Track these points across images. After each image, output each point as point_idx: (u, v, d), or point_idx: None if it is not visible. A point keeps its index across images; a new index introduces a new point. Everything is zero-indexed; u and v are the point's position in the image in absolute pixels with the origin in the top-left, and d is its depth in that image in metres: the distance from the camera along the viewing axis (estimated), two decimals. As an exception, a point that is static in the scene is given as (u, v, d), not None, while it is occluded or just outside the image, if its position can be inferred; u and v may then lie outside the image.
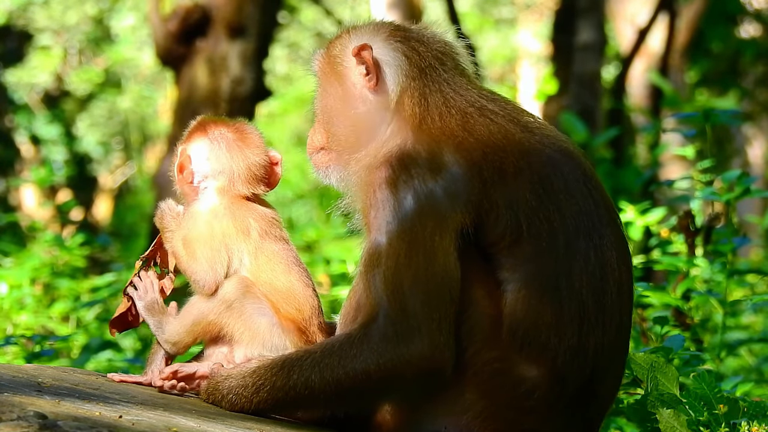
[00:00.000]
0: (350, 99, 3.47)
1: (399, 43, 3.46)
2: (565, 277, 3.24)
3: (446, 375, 3.18)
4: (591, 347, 3.25)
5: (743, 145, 25.52)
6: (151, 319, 3.57)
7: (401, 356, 3.15)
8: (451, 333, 3.17)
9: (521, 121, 3.40)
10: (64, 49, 26.08)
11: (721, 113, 5.40)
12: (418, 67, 3.42)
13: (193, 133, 3.68)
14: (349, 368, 3.17)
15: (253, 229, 3.54)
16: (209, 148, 3.63)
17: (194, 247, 3.51)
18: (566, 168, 3.34)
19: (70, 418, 2.68)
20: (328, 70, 3.53)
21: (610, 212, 3.38)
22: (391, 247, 3.19)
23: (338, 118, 3.50)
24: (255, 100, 12.77)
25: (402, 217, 3.20)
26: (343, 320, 3.37)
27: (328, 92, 3.53)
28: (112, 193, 28.39)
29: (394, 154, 3.28)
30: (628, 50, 15.99)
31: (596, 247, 3.28)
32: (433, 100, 3.38)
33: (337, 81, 3.50)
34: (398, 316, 3.16)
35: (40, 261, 8.01)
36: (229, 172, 3.60)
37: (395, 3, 16.36)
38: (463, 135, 3.31)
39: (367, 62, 3.42)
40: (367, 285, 3.22)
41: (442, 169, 3.23)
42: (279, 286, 3.50)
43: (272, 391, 3.26)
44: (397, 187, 3.22)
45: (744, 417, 3.50)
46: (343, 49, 3.51)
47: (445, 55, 3.47)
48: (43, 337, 5.65)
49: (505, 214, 3.25)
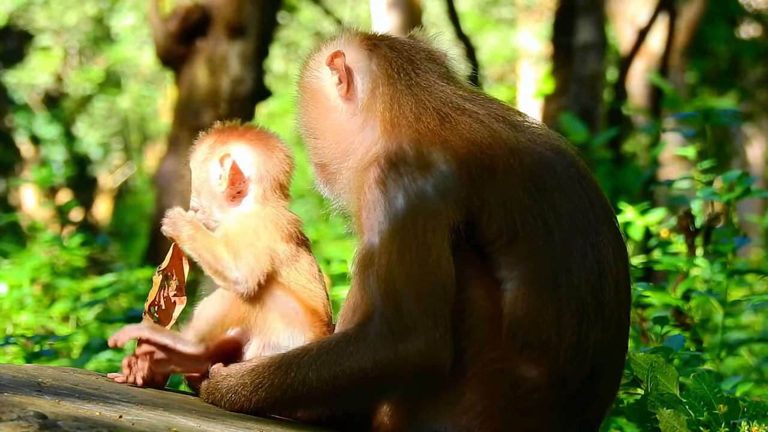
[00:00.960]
0: (327, 110, 3.51)
1: (368, 50, 3.49)
2: (564, 275, 3.24)
3: (444, 372, 3.18)
4: (591, 345, 3.25)
5: (743, 145, 25.52)
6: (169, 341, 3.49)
7: (397, 354, 3.15)
8: (447, 329, 3.17)
9: (509, 119, 3.41)
10: (64, 49, 26.09)
11: (721, 113, 5.40)
12: (387, 72, 3.44)
13: (229, 138, 3.67)
14: (345, 366, 3.18)
15: (291, 235, 3.56)
16: (253, 154, 3.64)
17: (238, 248, 3.48)
18: (559, 166, 3.34)
19: (70, 418, 2.68)
20: (305, 86, 3.57)
21: (606, 210, 3.38)
22: (383, 246, 3.20)
23: (320, 131, 3.53)
24: (255, 100, 12.77)
25: (393, 215, 3.21)
26: (341, 320, 3.37)
27: (307, 108, 3.57)
28: (112, 193, 28.40)
29: (382, 155, 3.30)
30: (628, 50, 15.99)
31: (593, 245, 3.28)
32: (406, 102, 3.39)
33: (314, 95, 3.54)
34: (393, 315, 3.16)
35: (40, 261, 8.01)
36: (269, 178, 3.63)
37: (395, 3, 16.35)
38: (446, 134, 3.32)
39: (339, 69, 3.46)
40: (361, 285, 3.23)
41: (430, 167, 3.24)
42: (312, 288, 3.52)
43: (271, 390, 3.26)
44: (386, 186, 3.23)
45: (744, 417, 3.50)
46: (317, 62, 3.55)
47: (418, 59, 3.49)
48: (43, 337, 5.64)
49: (497, 211, 3.25)
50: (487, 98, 3.48)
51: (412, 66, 3.47)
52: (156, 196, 12.89)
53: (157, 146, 27.02)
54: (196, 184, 3.69)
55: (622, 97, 15.62)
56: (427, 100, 3.40)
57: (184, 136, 12.63)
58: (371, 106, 3.43)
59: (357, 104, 3.46)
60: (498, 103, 3.48)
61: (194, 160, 3.70)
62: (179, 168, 12.56)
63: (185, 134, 12.63)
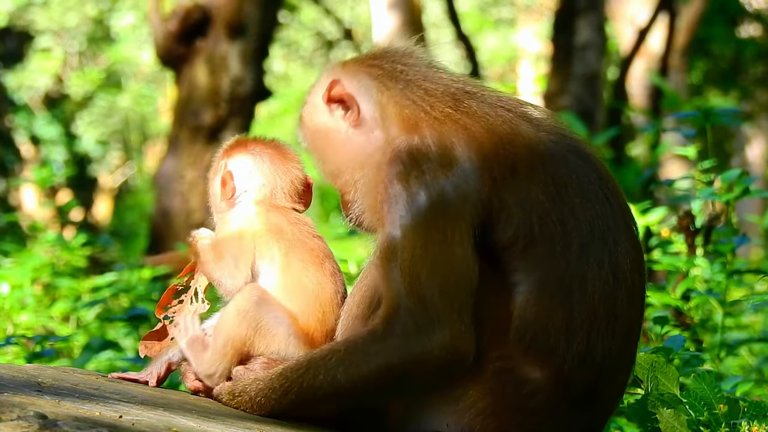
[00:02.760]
0: (345, 145, 3.47)
1: (356, 69, 3.47)
2: (578, 282, 3.21)
3: (468, 365, 3.17)
4: (598, 354, 3.23)
5: (743, 144, 25.52)
6: (191, 355, 3.52)
7: (423, 347, 3.14)
8: (471, 322, 3.16)
9: (520, 110, 3.38)
10: (64, 50, 26.08)
11: (721, 113, 5.40)
12: (386, 77, 3.43)
13: (233, 149, 3.71)
14: (373, 364, 3.17)
15: (286, 228, 3.55)
16: (252, 163, 3.66)
17: (222, 248, 3.52)
18: (581, 170, 3.30)
19: (70, 418, 2.68)
20: (314, 135, 3.54)
21: (626, 217, 3.34)
22: (407, 240, 3.18)
23: (345, 167, 3.48)
24: (255, 99, 12.79)
25: (416, 210, 3.19)
26: (346, 315, 3.37)
27: (324, 154, 3.52)
28: (112, 193, 28.40)
29: (404, 150, 3.26)
30: (628, 50, 16.00)
31: (610, 253, 3.24)
32: (415, 96, 3.37)
33: (326, 138, 3.50)
34: (417, 308, 3.15)
35: (40, 261, 8.01)
36: (271, 185, 3.64)
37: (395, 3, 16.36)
38: (464, 119, 3.30)
39: (340, 95, 3.44)
40: (385, 279, 3.21)
41: (452, 165, 3.22)
42: (308, 285, 3.51)
43: (300, 393, 3.25)
44: (408, 182, 3.21)
45: (744, 417, 3.50)
46: (314, 107, 3.53)
47: (407, 59, 3.48)
48: (43, 337, 5.64)
49: (516, 213, 3.22)
50: (507, 95, 3.46)
51: (405, 66, 3.46)
52: (156, 196, 12.90)
53: (157, 146, 27.03)
54: (210, 200, 3.75)
55: (622, 97, 15.61)
56: (434, 89, 3.38)
57: (184, 136, 12.65)
58: (385, 114, 3.40)
59: (370, 123, 3.43)
60: (520, 101, 3.45)
61: (211, 169, 3.75)
62: (179, 168, 12.57)
63: (185, 134, 12.64)
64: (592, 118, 13.34)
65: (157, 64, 14.96)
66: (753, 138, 25.84)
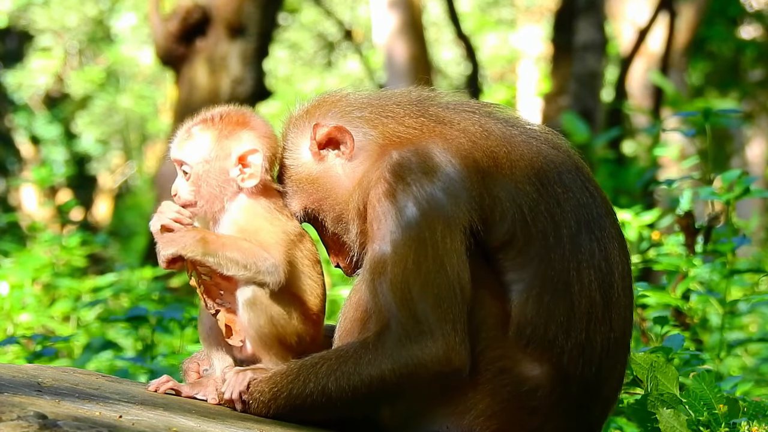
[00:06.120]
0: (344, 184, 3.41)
1: (324, 109, 3.43)
2: (575, 273, 3.22)
3: (463, 376, 3.17)
4: (598, 344, 3.24)
5: (743, 144, 25.52)
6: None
7: (416, 360, 3.14)
8: (465, 333, 3.16)
9: (498, 115, 3.40)
10: (64, 50, 26.08)
11: (721, 113, 5.40)
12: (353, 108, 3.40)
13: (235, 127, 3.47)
14: (364, 375, 3.17)
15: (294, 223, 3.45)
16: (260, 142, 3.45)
17: (260, 236, 3.36)
18: (557, 160, 3.32)
19: (70, 418, 2.68)
20: (312, 184, 3.44)
21: (606, 203, 3.37)
22: (397, 255, 3.17)
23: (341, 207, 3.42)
24: (255, 100, 12.77)
25: (406, 224, 3.18)
26: (340, 330, 3.35)
27: (324, 204, 3.45)
28: (112, 192, 28.39)
29: (387, 168, 3.25)
30: (628, 50, 15.99)
31: (599, 240, 3.27)
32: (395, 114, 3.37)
33: (327, 186, 3.43)
34: (410, 322, 3.15)
35: (40, 261, 8.01)
36: (270, 163, 3.46)
37: (395, 3, 16.36)
38: (444, 130, 3.30)
39: (331, 135, 3.37)
40: (373, 293, 3.21)
41: (436, 170, 3.22)
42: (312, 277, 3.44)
43: (289, 399, 3.25)
44: (396, 197, 3.20)
45: (744, 417, 3.50)
46: (299, 165, 3.45)
47: (352, 90, 3.48)
48: (43, 337, 5.64)
49: (510, 208, 3.24)
50: (466, 99, 3.47)
51: (359, 92, 3.47)
52: (156, 196, 12.90)
53: (157, 146, 27.01)
54: (201, 177, 3.44)
55: (622, 97, 15.61)
56: (398, 103, 3.39)
57: (185, 136, 12.62)
58: (372, 139, 3.37)
59: (361, 150, 3.39)
60: (481, 102, 3.47)
61: (196, 154, 3.45)
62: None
63: (185, 134, 12.62)
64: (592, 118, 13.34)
65: (157, 64, 14.96)
66: (753, 138, 25.83)
